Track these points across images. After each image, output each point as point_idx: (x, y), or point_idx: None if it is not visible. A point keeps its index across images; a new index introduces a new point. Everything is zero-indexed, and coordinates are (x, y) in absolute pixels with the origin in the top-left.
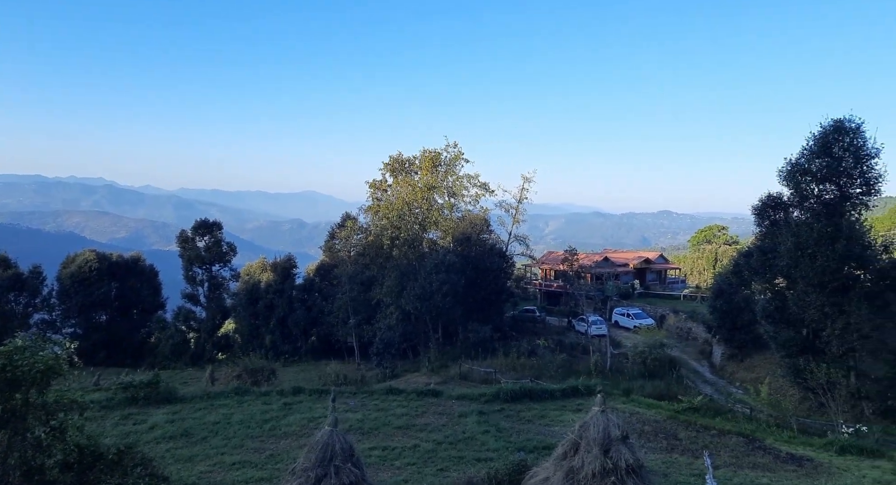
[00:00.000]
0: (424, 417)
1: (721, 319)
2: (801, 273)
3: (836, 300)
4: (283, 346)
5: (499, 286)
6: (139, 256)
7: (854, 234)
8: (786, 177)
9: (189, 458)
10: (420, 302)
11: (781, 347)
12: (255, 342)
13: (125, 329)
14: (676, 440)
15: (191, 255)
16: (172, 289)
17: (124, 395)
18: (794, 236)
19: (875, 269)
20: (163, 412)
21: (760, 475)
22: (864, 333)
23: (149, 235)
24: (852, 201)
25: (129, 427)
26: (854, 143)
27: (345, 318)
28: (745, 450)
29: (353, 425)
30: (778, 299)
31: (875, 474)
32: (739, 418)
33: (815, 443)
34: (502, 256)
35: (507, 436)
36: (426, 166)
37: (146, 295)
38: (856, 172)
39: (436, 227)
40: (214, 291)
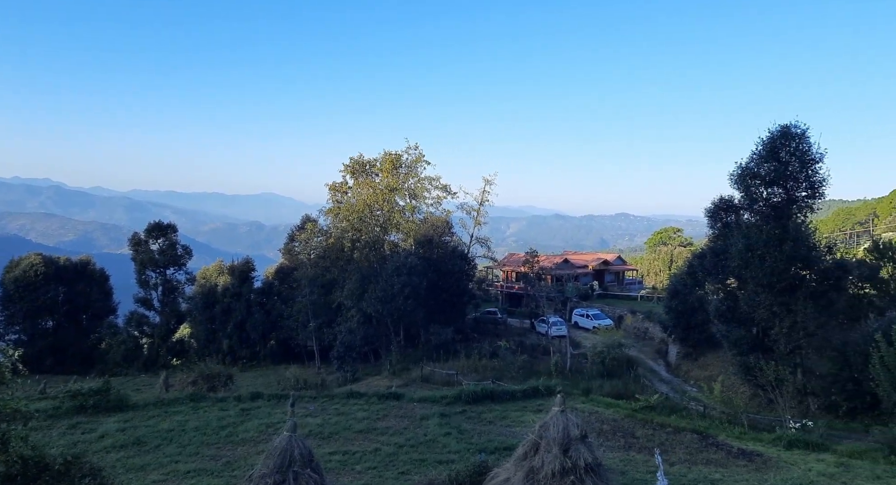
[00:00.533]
0: (386, 420)
1: (676, 318)
2: (752, 274)
3: (784, 300)
4: (240, 350)
5: (461, 288)
6: (89, 260)
7: (800, 236)
8: (736, 180)
9: (141, 467)
10: (381, 305)
11: (733, 345)
12: (212, 347)
13: (73, 335)
14: (634, 438)
15: (144, 258)
16: (125, 293)
17: (72, 403)
18: (745, 238)
19: (819, 269)
20: (113, 420)
21: (713, 471)
22: (810, 331)
23: (99, 237)
24: (798, 204)
25: (78, 436)
26: (800, 148)
27: (305, 321)
28: (698, 446)
29: (313, 430)
30: (730, 299)
31: (820, 468)
32: (694, 415)
33: (765, 438)
34: (464, 258)
35: (469, 438)
36: (387, 168)
37: (96, 300)
38: (801, 176)
39: (397, 229)
40: (169, 295)
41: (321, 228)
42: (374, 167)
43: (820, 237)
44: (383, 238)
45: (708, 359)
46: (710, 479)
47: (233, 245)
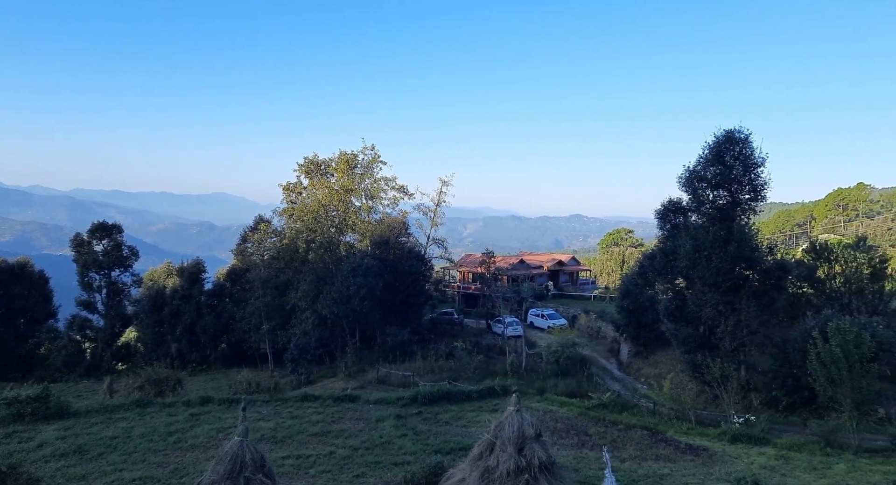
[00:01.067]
0: (341, 423)
1: (628, 318)
2: (699, 274)
3: (729, 299)
4: (190, 354)
5: (417, 289)
6: (27, 262)
7: (744, 237)
8: (684, 183)
9: (83, 476)
10: (337, 306)
11: (681, 343)
12: (160, 351)
13: (10, 340)
14: (587, 436)
15: (87, 259)
16: (66, 296)
17: (8, 411)
18: (692, 239)
19: (762, 269)
20: (53, 428)
21: (662, 466)
22: (753, 329)
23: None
24: (742, 207)
25: (14, 446)
26: (743, 152)
27: (258, 323)
28: (648, 443)
29: (266, 434)
30: (678, 299)
31: (762, 460)
32: (644, 412)
33: (711, 433)
34: (421, 259)
35: (425, 439)
36: (342, 168)
37: (34, 303)
38: (745, 179)
39: (353, 230)
40: (114, 298)
41: (275, 228)
42: (330, 167)
43: (762, 238)
44: (339, 239)
45: (658, 357)
46: (660, 474)
47: (183, 246)
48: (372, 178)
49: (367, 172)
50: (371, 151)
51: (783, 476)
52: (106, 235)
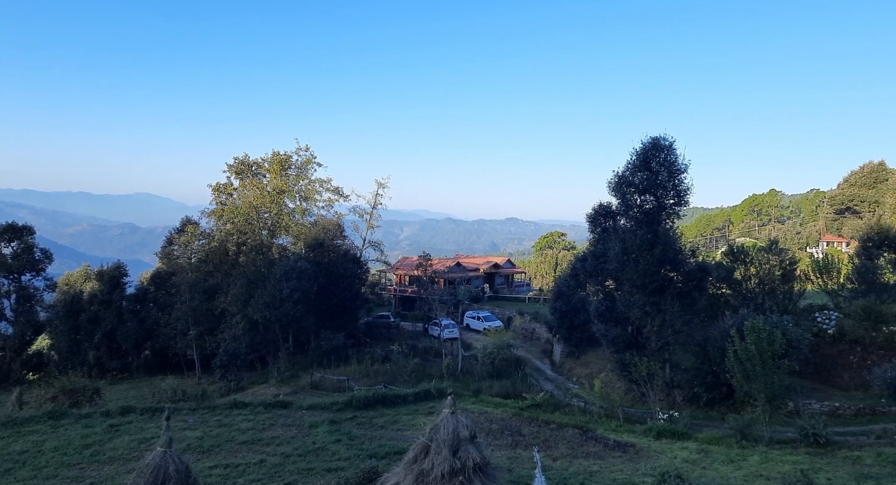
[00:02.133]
0: (272, 430)
1: (560, 319)
2: (627, 276)
3: (655, 300)
4: (110, 362)
5: (353, 292)
6: None
7: (669, 240)
8: (614, 188)
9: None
10: (269, 310)
11: (611, 343)
12: (76, 359)
13: None
14: (520, 436)
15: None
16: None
17: None
18: (621, 242)
19: (685, 271)
20: None
21: (592, 464)
22: (677, 328)
23: None
24: (667, 211)
25: None
26: (668, 159)
27: (184, 329)
28: (579, 441)
29: (192, 444)
30: (608, 300)
31: (684, 455)
32: (575, 411)
33: (637, 430)
34: (357, 261)
35: (360, 444)
36: (275, 169)
37: None
38: (669, 184)
39: (286, 232)
40: (24, 304)
41: (204, 230)
42: (262, 168)
43: (685, 242)
44: (271, 241)
45: (589, 357)
46: (589, 471)
47: (102, 249)
48: (306, 179)
49: (301, 174)
50: (305, 151)
51: (703, 469)
52: (15, 236)
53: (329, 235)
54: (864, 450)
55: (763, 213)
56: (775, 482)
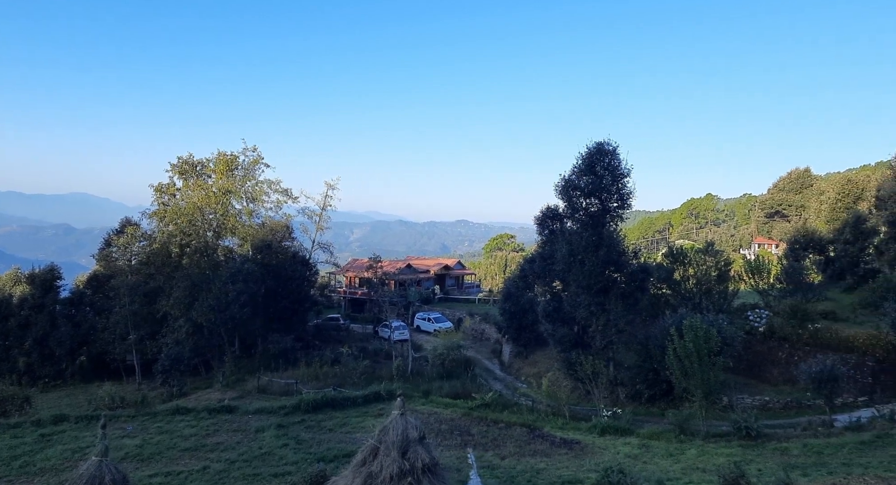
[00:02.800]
0: (216, 435)
1: (509, 319)
2: (574, 277)
3: (600, 300)
4: (42, 369)
5: (302, 295)
6: None
7: (613, 242)
8: (560, 191)
9: None
10: (214, 313)
11: (558, 343)
12: (5, 367)
13: None
14: (469, 436)
15: None
16: None
17: None
18: (568, 244)
19: (628, 272)
20: None
21: (539, 461)
22: (620, 327)
23: None
24: (611, 214)
25: None
26: (612, 163)
27: (123, 334)
28: (527, 439)
29: (131, 453)
30: (555, 301)
31: (626, 450)
32: (523, 410)
33: (583, 427)
34: (305, 263)
35: (308, 447)
36: (221, 169)
37: None
38: (613, 188)
39: (233, 234)
40: None
41: (145, 231)
42: (207, 168)
43: (628, 244)
44: (217, 243)
45: (537, 356)
46: (536, 469)
47: (35, 251)
48: (254, 180)
49: (248, 174)
50: (253, 152)
51: (644, 464)
52: None
53: (277, 236)
54: (791, 441)
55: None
56: (711, 475)
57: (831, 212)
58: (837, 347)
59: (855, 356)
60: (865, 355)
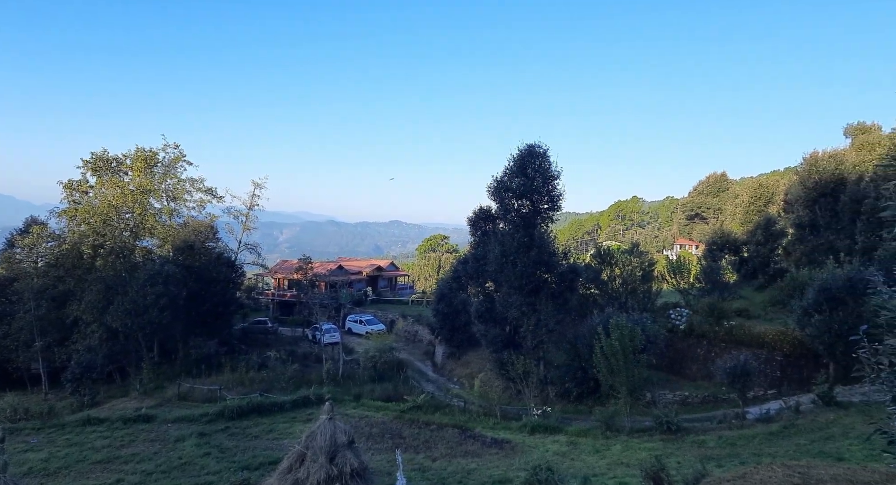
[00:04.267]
0: (132, 446)
1: (442, 321)
2: (506, 277)
3: (531, 300)
4: None
5: (227, 298)
6: None
7: (544, 243)
8: (493, 192)
9: None
10: (131, 318)
11: (490, 343)
12: None
13: None
14: (401, 438)
15: None
16: None
17: None
18: (500, 245)
19: (558, 273)
20: None
21: (470, 462)
22: (550, 327)
23: None
24: (542, 215)
25: None
26: (542, 165)
27: (28, 340)
28: (459, 440)
29: (35, 467)
30: (488, 301)
31: (555, 448)
32: (455, 411)
33: (513, 426)
34: (231, 265)
35: (231, 455)
36: (139, 167)
37: None
38: (544, 190)
39: (152, 234)
40: None
41: (53, 231)
42: (124, 165)
43: (558, 245)
44: (134, 244)
45: (470, 357)
46: (467, 469)
47: None
48: (175, 178)
49: (169, 172)
50: (174, 149)
51: (572, 460)
52: None
53: (200, 237)
54: (707, 434)
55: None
56: (634, 469)
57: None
58: (750, 343)
59: (765, 352)
60: (775, 351)
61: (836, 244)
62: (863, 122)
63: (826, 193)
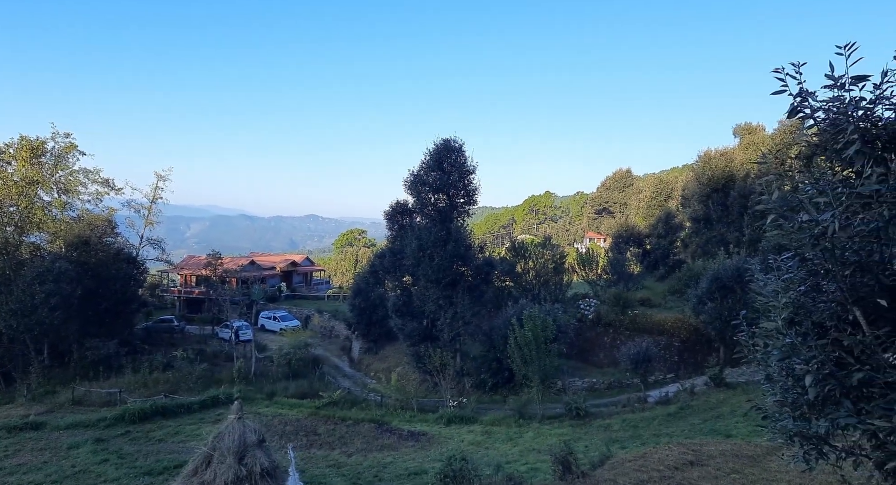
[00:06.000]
0: (18, 456)
1: (359, 316)
2: (423, 271)
3: (448, 293)
4: None
5: (127, 296)
6: None
7: (460, 237)
8: (410, 186)
9: None
10: (17, 319)
11: (407, 337)
12: None
13: None
14: (316, 435)
15: None
16: None
17: None
18: (417, 239)
19: (474, 266)
20: None
21: (386, 455)
22: (467, 320)
23: None
24: (458, 209)
25: None
26: (458, 160)
27: None
28: (375, 434)
29: None
30: (405, 295)
31: (470, 437)
32: (372, 405)
33: (430, 419)
34: (132, 261)
35: (132, 461)
36: (24, 157)
37: None
38: (460, 184)
39: (40, 229)
40: None
41: None
42: (6, 155)
43: (474, 238)
44: (20, 239)
45: (387, 351)
46: (383, 463)
47: None
48: (66, 169)
49: (60, 163)
50: (65, 138)
51: (486, 449)
52: None
53: (97, 232)
54: (613, 418)
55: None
56: (544, 455)
57: (647, 209)
58: (652, 330)
59: (665, 338)
60: (673, 337)
61: (727, 237)
62: (749, 122)
63: (718, 188)
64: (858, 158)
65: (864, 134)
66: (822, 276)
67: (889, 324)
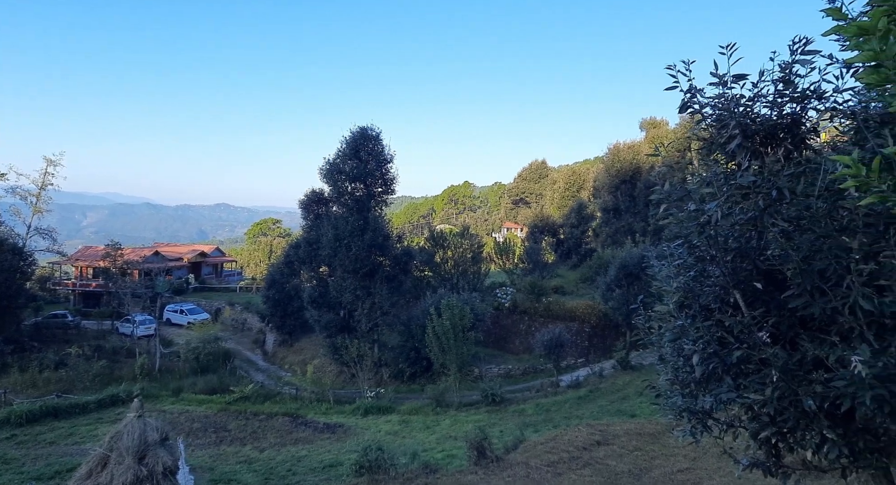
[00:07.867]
0: None
1: (273, 307)
2: (340, 261)
3: (366, 284)
4: None
5: (13, 290)
6: None
7: (378, 226)
8: (326, 175)
9: None
10: None
11: (324, 328)
12: None
13: None
14: (226, 432)
15: None
16: None
17: None
18: (334, 229)
19: (392, 256)
20: None
21: (301, 449)
22: (385, 310)
23: None
24: (376, 198)
25: None
26: (375, 148)
27: None
28: (289, 428)
29: None
30: (322, 286)
31: (387, 427)
32: (287, 399)
33: (347, 410)
34: (17, 252)
35: (19, 466)
36: None
37: None
38: (378, 173)
39: None
40: None
41: None
42: None
43: (393, 228)
44: None
45: (303, 344)
46: (298, 457)
47: None
48: None
49: None
50: None
51: (403, 438)
52: None
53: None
54: (527, 403)
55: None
56: (461, 441)
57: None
58: (564, 317)
59: (577, 324)
60: (584, 323)
61: (633, 226)
62: (654, 117)
63: (626, 180)
64: (739, 152)
65: (745, 129)
66: (707, 262)
67: (764, 305)
